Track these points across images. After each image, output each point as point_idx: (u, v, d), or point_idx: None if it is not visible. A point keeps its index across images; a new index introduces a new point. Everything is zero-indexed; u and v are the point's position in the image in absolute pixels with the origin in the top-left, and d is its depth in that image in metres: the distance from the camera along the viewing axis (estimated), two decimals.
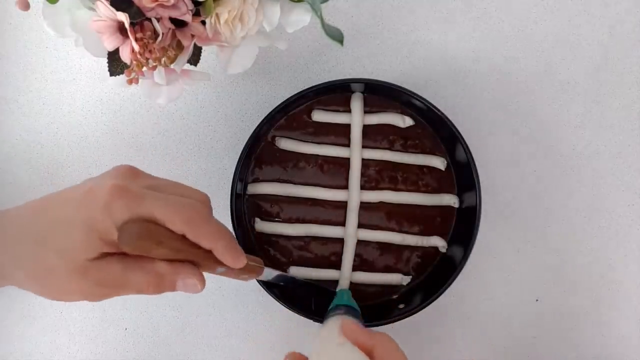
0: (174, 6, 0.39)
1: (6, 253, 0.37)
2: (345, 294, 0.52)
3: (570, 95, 0.59)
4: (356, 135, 0.55)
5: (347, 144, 0.56)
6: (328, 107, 0.56)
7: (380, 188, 0.56)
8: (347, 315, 0.46)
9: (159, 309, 0.58)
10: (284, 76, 0.58)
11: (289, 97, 0.52)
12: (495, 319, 0.58)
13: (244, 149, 0.52)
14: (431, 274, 0.56)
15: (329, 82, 0.52)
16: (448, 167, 0.56)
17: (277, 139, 0.56)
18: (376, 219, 0.56)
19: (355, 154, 0.55)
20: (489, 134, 0.58)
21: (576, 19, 0.59)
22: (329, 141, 0.56)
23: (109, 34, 0.39)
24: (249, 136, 0.52)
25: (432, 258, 0.56)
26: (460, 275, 0.51)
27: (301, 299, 0.53)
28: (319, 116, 0.56)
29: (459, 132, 0.52)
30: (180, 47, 0.42)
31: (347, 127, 0.56)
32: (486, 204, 0.54)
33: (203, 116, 0.58)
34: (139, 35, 0.38)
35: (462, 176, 0.55)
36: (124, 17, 0.37)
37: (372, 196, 0.56)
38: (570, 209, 0.59)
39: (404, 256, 0.56)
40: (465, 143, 0.52)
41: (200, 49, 0.45)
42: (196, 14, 0.41)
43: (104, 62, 0.42)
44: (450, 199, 0.56)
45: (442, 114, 0.52)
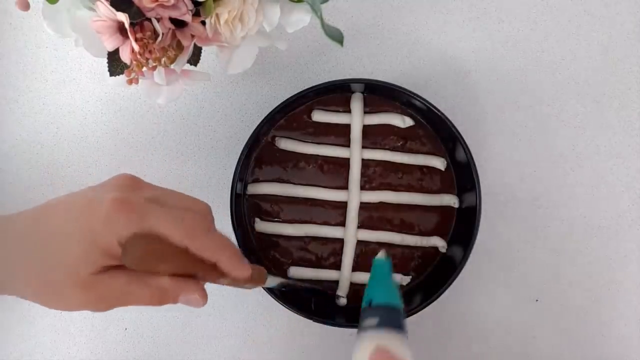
0: (174, 6, 0.39)
1: (6, 263, 0.37)
2: (386, 265, 0.43)
3: (570, 95, 0.59)
4: (356, 135, 0.55)
5: (347, 144, 0.56)
6: (328, 107, 0.56)
7: (380, 188, 0.56)
8: (381, 330, 0.40)
9: (159, 309, 0.58)
10: (284, 76, 0.58)
11: (289, 97, 0.52)
12: (495, 319, 0.58)
13: (244, 149, 0.52)
14: (431, 274, 0.56)
15: (329, 82, 0.52)
16: (448, 167, 0.56)
17: (277, 139, 0.56)
18: (376, 219, 0.56)
19: (355, 154, 0.55)
20: (489, 134, 0.58)
21: (576, 19, 0.59)
22: (329, 141, 0.56)
23: (108, 34, 0.39)
24: (249, 136, 0.52)
25: (432, 258, 0.56)
26: (460, 275, 0.51)
27: (301, 299, 0.53)
28: (319, 116, 0.56)
29: (459, 132, 0.52)
30: (180, 47, 0.42)
31: (347, 127, 0.56)
32: (486, 204, 0.54)
33: (203, 116, 0.58)
34: (139, 36, 0.38)
35: (462, 176, 0.55)
36: (124, 17, 0.37)
37: (372, 196, 0.56)
38: (570, 209, 0.59)
39: (403, 256, 0.56)
40: (465, 143, 0.52)
41: (200, 49, 0.45)
42: (196, 14, 0.41)
43: (104, 62, 0.42)
44: (450, 199, 0.56)
45: (442, 114, 0.52)
